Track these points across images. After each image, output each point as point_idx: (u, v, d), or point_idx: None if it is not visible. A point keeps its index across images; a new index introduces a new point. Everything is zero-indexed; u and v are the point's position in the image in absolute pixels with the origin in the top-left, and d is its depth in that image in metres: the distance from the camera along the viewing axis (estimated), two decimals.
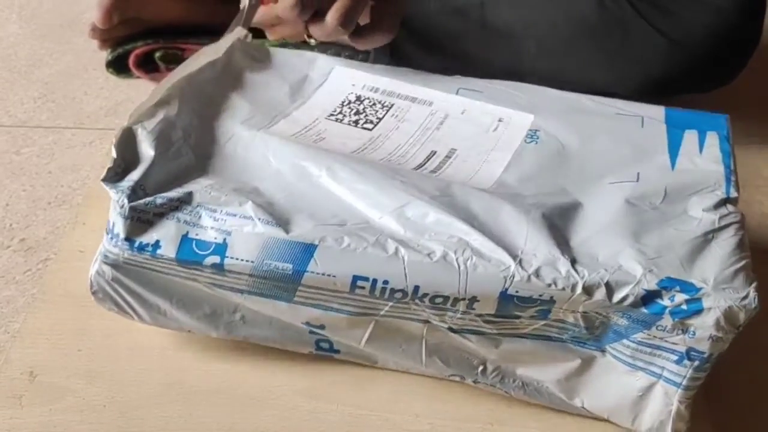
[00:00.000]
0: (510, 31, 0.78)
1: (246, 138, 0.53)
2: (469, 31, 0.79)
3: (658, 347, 0.46)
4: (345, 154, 0.53)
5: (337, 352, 0.52)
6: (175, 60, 0.88)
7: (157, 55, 0.88)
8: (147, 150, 0.49)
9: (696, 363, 0.45)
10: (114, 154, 0.48)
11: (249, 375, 0.54)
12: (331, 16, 0.59)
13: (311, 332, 0.51)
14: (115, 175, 0.48)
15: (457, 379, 0.51)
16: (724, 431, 0.51)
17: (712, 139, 0.54)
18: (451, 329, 0.48)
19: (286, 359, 0.54)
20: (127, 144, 0.49)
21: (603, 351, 0.48)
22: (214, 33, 0.67)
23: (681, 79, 0.76)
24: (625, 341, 0.46)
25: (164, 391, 0.53)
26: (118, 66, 0.90)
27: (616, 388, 0.48)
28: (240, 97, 0.57)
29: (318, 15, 0.60)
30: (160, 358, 0.55)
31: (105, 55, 0.91)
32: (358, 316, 0.48)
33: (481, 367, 0.50)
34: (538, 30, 0.77)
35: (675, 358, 0.45)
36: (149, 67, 0.89)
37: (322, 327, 0.49)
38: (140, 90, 0.89)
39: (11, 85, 0.91)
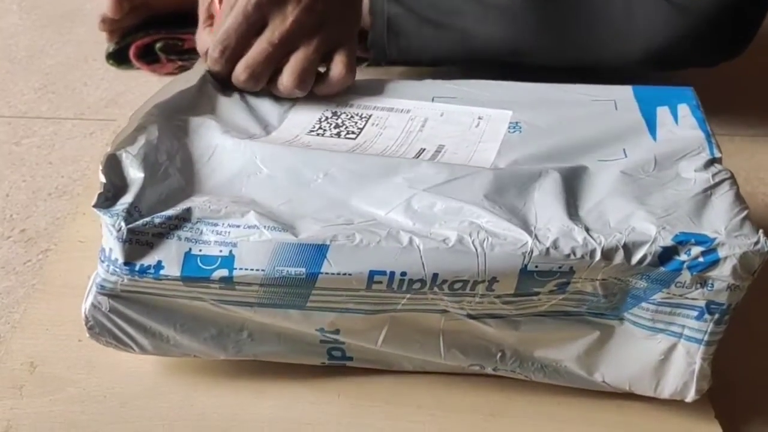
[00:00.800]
0: (509, 6, 0.77)
1: (230, 147, 0.52)
2: (468, 7, 0.78)
3: (678, 305, 0.46)
4: (339, 153, 0.53)
5: (350, 359, 0.52)
6: (175, 51, 0.88)
7: (158, 46, 0.88)
8: (135, 173, 0.48)
9: (716, 316, 0.46)
10: (103, 179, 0.47)
11: (250, 365, 0.53)
12: (287, 80, 0.58)
13: (323, 341, 0.50)
14: (105, 201, 0.46)
15: (477, 368, 0.51)
16: (728, 430, 0.51)
17: (684, 110, 0.56)
18: (469, 316, 0.48)
19: None
20: (114, 169, 0.48)
21: (621, 319, 0.48)
22: None
23: (685, 49, 0.75)
24: (644, 304, 0.47)
25: (165, 381, 0.53)
26: (119, 57, 0.90)
27: (636, 356, 0.48)
28: (216, 119, 0.55)
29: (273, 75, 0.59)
30: None
31: (106, 45, 0.91)
32: (375, 314, 0.47)
33: (499, 354, 0.50)
34: (537, 4, 0.76)
35: (695, 314, 0.46)
36: (149, 58, 0.89)
37: (336, 332, 0.49)
38: (140, 81, 0.89)
39: (11, 76, 0.91)
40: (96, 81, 0.90)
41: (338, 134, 0.57)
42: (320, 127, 0.57)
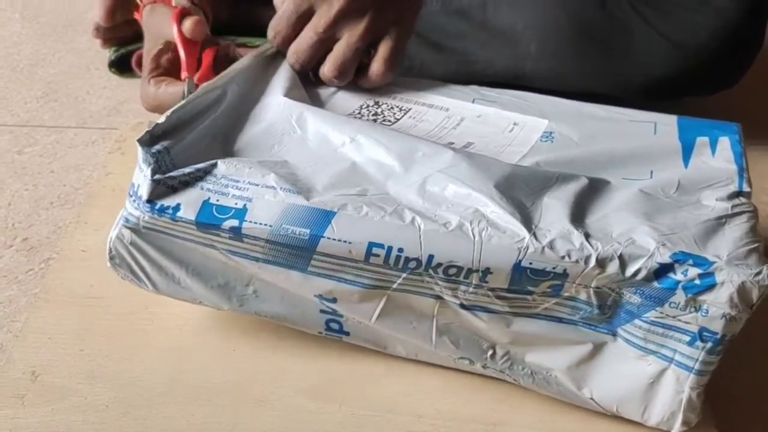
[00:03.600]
0: (512, 32, 0.78)
1: (272, 103, 0.56)
2: (471, 31, 0.79)
3: (671, 327, 0.46)
4: (368, 122, 0.55)
5: (347, 334, 0.53)
6: None
7: None
8: (187, 122, 0.51)
9: (708, 345, 0.45)
10: (161, 120, 0.50)
11: (251, 375, 0.54)
12: (327, 69, 0.59)
13: (322, 311, 0.51)
14: (150, 138, 0.49)
15: (466, 363, 0.51)
16: None
17: (724, 143, 0.56)
18: (462, 306, 0.48)
19: (289, 359, 0.55)
20: (175, 114, 0.51)
21: (614, 335, 0.48)
22: (215, 32, 0.67)
23: (683, 82, 0.76)
24: (637, 321, 0.47)
25: (166, 391, 0.53)
26: (121, 65, 0.91)
27: (626, 376, 0.48)
28: (274, 84, 0.59)
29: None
30: (163, 358, 0.55)
31: (108, 54, 0.91)
32: (371, 288, 0.48)
33: (490, 352, 0.50)
34: (539, 31, 0.77)
35: (687, 339, 0.46)
36: None
37: (333, 300, 0.50)
38: None
39: (14, 85, 0.91)
40: (98, 90, 0.90)
41: (374, 120, 0.58)
42: (359, 113, 0.59)
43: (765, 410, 0.55)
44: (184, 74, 0.64)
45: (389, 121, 0.59)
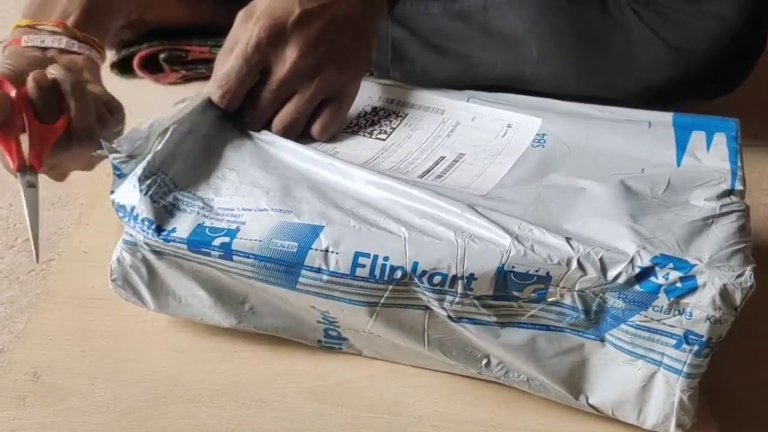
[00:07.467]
0: (513, 35, 0.78)
1: (266, 140, 0.56)
2: (472, 34, 0.80)
3: (656, 331, 0.46)
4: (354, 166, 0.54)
5: (346, 339, 0.53)
6: (178, 62, 0.89)
7: (162, 56, 0.88)
8: (177, 146, 0.53)
9: (695, 348, 0.45)
10: (151, 157, 0.51)
11: (253, 376, 0.54)
12: (275, 128, 0.58)
13: (319, 321, 0.52)
14: (148, 165, 0.51)
15: (461, 368, 0.52)
16: None
17: (720, 139, 0.55)
18: (450, 318, 0.48)
19: (291, 360, 0.55)
20: (160, 139, 0.52)
21: (602, 340, 0.48)
22: (217, 34, 0.67)
23: (682, 87, 0.76)
24: (623, 326, 0.47)
25: (168, 392, 0.53)
26: (123, 67, 0.91)
27: (618, 381, 0.48)
28: None
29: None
30: (164, 360, 0.55)
31: (110, 55, 0.91)
32: (360, 305, 0.48)
33: (485, 361, 0.50)
34: (541, 35, 0.77)
35: (673, 342, 0.46)
36: (153, 68, 0.90)
37: (327, 312, 0.51)
38: (144, 91, 0.89)
39: None
40: None
41: (370, 133, 0.60)
42: (356, 124, 0.61)
43: (763, 408, 0.55)
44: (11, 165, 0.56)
45: (385, 132, 0.60)
